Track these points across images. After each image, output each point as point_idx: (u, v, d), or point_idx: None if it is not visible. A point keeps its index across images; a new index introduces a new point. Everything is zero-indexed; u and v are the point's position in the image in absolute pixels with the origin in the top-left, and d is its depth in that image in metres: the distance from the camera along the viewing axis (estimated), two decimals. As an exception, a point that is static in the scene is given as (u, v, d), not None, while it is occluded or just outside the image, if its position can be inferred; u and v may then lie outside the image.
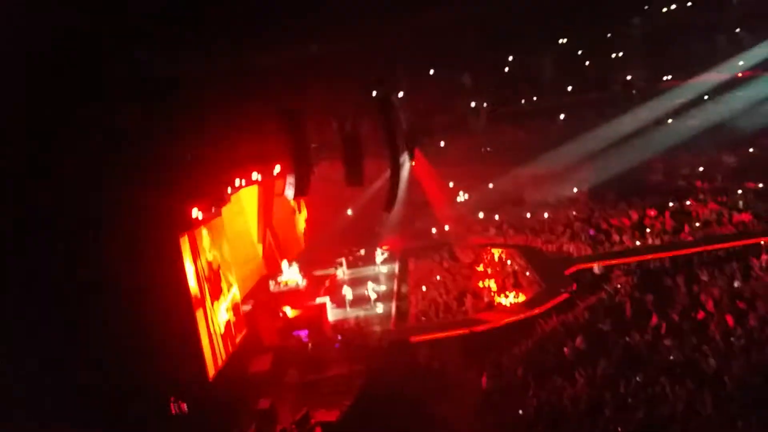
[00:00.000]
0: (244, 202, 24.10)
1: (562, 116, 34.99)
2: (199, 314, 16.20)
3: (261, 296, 22.17)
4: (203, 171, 17.20)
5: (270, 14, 17.05)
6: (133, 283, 12.98)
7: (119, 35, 13.15)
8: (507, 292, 21.34)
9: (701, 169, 30.45)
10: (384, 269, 26.35)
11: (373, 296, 22.16)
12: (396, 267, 26.37)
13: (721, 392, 12.75)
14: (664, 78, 32.95)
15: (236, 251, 21.91)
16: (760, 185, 26.59)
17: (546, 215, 28.39)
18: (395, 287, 23.94)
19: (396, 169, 23.86)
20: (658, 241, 22.71)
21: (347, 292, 22.11)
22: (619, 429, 12.57)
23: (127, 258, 12.93)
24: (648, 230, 23.52)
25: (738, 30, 29.94)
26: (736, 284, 18.12)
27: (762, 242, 20.53)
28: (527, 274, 22.37)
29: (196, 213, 17.01)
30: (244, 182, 22.19)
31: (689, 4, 28.77)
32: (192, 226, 16.88)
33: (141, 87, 14.22)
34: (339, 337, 19.32)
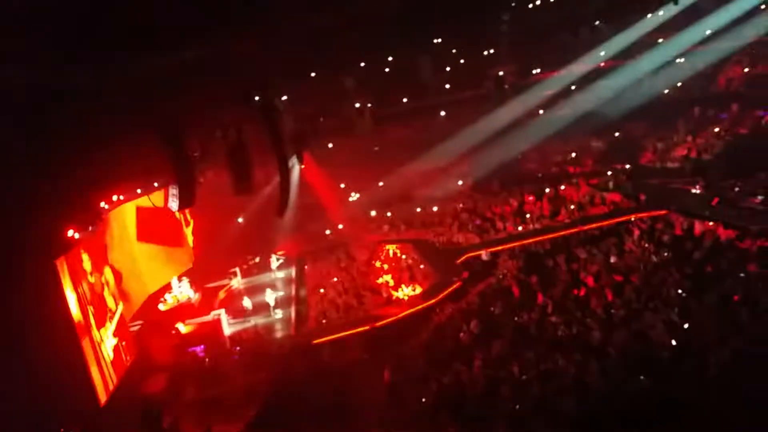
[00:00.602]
0: (127, 217, 22.88)
1: (442, 113, 36.08)
2: (85, 342, 15.25)
3: (151, 315, 21.19)
4: (75, 188, 16.16)
5: (141, 20, 16.27)
6: (9, 314, 11.99)
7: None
8: (403, 286, 21.76)
9: (573, 155, 32.48)
10: (280, 275, 26.01)
11: (272, 303, 21.83)
12: (293, 271, 26.13)
13: (606, 361, 13.66)
14: (534, 71, 34.74)
15: (121, 269, 20.81)
16: (627, 166, 28.79)
17: (435, 209, 29.23)
18: (293, 292, 23.72)
19: (285, 173, 23.62)
20: (538, 226, 23.91)
21: (246, 302, 21.61)
22: (517, 405, 13.20)
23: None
24: (528, 216, 24.75)
25: (598, 22, 32.09)
26: (612, 260, 19.24)
27: (632, 219, 21.97)
28: (421, 266, 22.94)
29: (71, 233, 15.96)
30: (122, 197, 21.13)
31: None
32: (69, 247, 15.83)
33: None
34: (237, 349, 18.87)
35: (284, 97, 25.86)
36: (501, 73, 33.96)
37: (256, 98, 21.25)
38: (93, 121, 15.65)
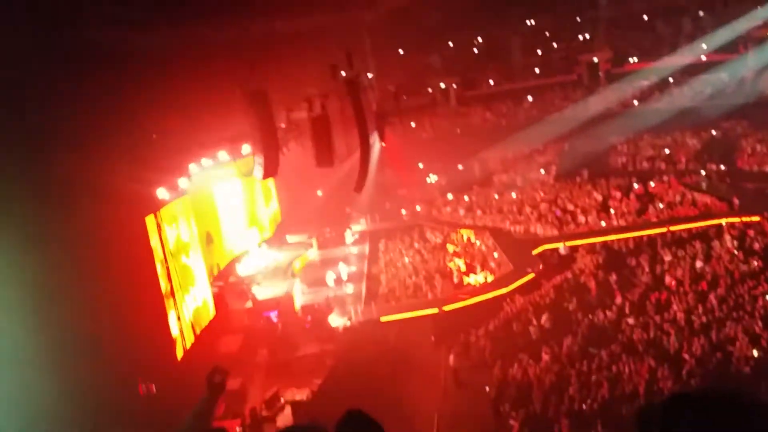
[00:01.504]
0: (214, 181, 23.67)
1: (529, 98, 35.25)
2: (168, 300, 16.03)
3: (230, 278, 22.00)
4: (168, 149, 16.83)
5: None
6: (98, 268, 12.63)
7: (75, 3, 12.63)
8: (475, 272, 21.57)
9: (666, 151, 30.95)
10: (354, 250, 26.35)
11: (344, 277, 22.20)
12: (366, 248, 26.40)
13: (681, 369, 13.15)
14: (630, 60, 33.29)
15: (207, 231, 21.67)
16: (722, 167, 27.19)
17: (513, 196, 28.65)
18: (365, 268, 24.00)
19: (366, 149, 23.76)
20: (622, 222, 23.07)
21: (329, 276, 21.98)
22: (583, 405, 12.90)
23: (90, 240, 12.55)
24: (612, 211, 23.90)
25: (702, 13, 30.34)
26: (698, 264, 18.36)
27: (723, 223, 20.86)
28: (495, 254, 22.61)
29: (161, 193, 16.65)
30: (211, 162, 21.87)
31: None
32: (158, 206, 16.57)
33: (101, 58, 13.74)
34: (309, 318, 19.35)
35: (370, 74, 25.95)
36: (595, 59, 32.67)
37: (343, 73, 21.40)
38: (186, 85, 16.21)
